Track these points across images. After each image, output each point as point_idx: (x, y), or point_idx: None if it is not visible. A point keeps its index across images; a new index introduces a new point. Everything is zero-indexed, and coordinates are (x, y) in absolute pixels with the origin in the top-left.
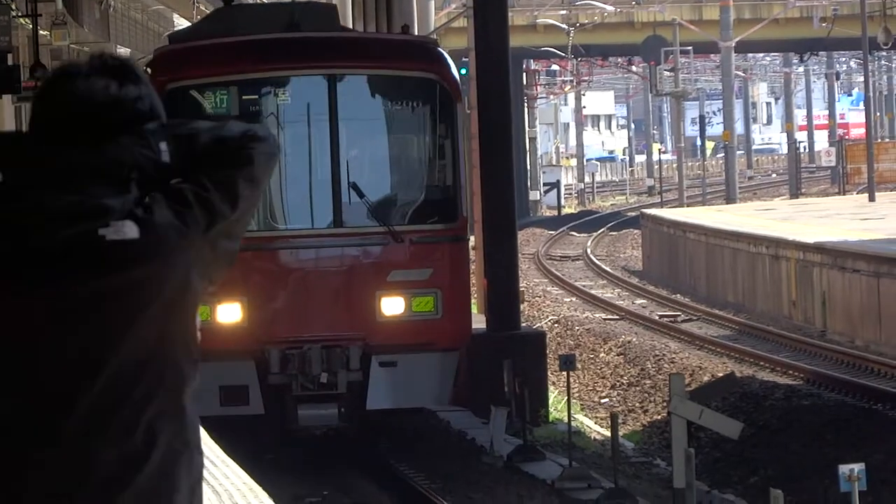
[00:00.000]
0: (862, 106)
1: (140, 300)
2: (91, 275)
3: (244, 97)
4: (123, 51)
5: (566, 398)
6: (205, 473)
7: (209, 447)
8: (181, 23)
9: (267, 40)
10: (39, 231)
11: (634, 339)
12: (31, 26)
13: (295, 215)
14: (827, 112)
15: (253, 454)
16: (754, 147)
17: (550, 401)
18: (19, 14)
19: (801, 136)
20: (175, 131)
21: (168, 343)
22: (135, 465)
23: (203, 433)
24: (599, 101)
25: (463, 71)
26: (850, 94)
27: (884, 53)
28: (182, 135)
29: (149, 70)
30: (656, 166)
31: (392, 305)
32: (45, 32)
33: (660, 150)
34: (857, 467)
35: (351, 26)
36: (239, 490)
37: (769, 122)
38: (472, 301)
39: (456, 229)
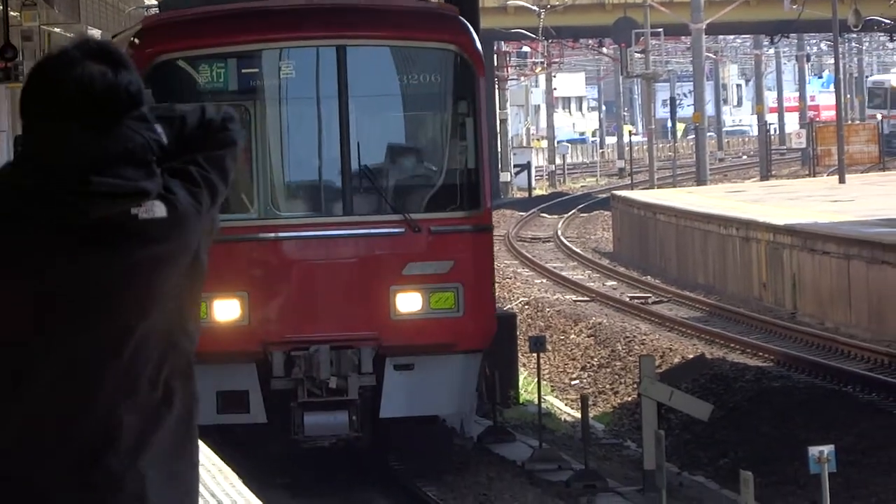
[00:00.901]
0: (832, 88)
1: (164, 273)
2: (126, 250)
3: (244, 70)
4: (94, 31)
5: (536, 380)
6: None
7: (207, 456)
8: (152, 1)
9: (269, 7)
10: (84, 209)
11: (605, 321)
12: (2, 9)
13: (300, 202)
14: (797, 94)
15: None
16: (725, 129)
17: (521, 382)
18: None
19: (771, 118)
20: (165, 114)
21: (181, 311)
22: (157, 419)
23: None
24: (570, 83)
25: None
26: (820, 77)
27: (854, 35)
28: (174, 117)
29: (136, 41)
30: (627, 148)
31: (408, 302)
32: (14, 14)
33: (630, 131)
34: (827, 449)
35: None
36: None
37: (740, 104)
38: None
39: (479, 217)
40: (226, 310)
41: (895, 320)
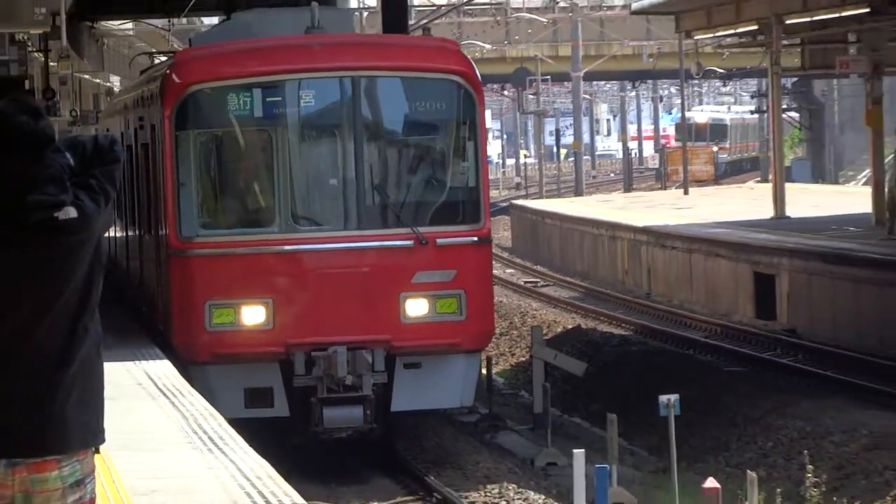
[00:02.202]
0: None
1: (78, 252)
2: (54, 239)
3: (267, 99)
4: (115, 77)
5: None
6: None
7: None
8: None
9: (289, 42)
10: (25, 217)
11: (505, 300)
12: (43, 59)
13: (319, 217)
14: (652, 126)
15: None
16: (597, 153)
17: None
18: (34, 49)
19: (632, 144)
20: (73, 143)
21: (93, 278)
22: (79, 346)
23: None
24: None
25: None
26: (670, 113)
27: (696, 82)
28: (78, 145)
29: (171, 74)
30: (522, 168)
31: (416, 307)
32: (53, 63)
33: (525, 155)
34: (673, 397)
35: None
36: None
37: (609, 133)
38: None
39: (479, 230)
40: (252, 315)
41: (725, 299)
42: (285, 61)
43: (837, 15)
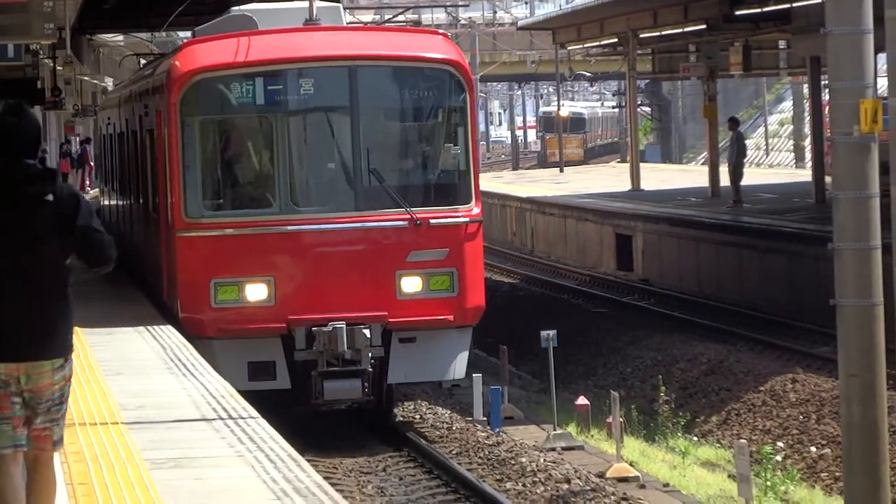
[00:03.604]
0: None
1: (53, 222)
2: (39, 211)
3: (269, 87)
4: (108, 79)
5: None
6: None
7: (250, 413)
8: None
9: (291, 33)
10: (21, 195)
11: None
12: (51, 64)
13: (319, 199)
14: (535, 118)
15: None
16: (491, 139)
17: None
18: (44, 56)
19: (519, 133)
20: (72, 195)
21: (59, 241)
22: (50, 294)
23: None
24: None
25: None
26: (548, 107)
27: (569, 82)
28: (70, 199)
29: (177, 63)
30: None
31: (411, 284)
32: (60, 68)
33: None
34: (552, 332)
35: None
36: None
37: (500, 124)
38: None
39: (470, 211)
40: (255, 292)
41: (592, 255)
42: (286, 51)
43: (681, 30)
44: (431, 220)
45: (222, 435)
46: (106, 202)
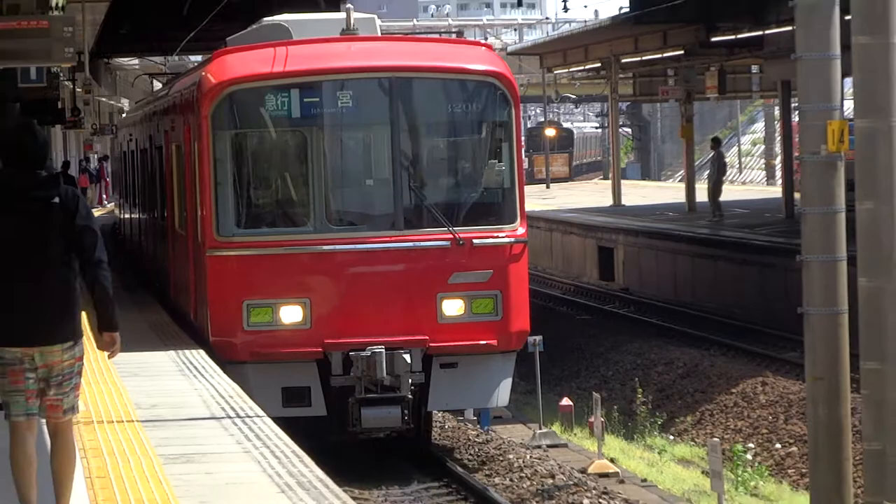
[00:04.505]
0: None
1: (60, 221)
2: (47, 212)
3: (305, 100)
4: (124, 100)
5: None
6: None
7: (279, 436)
8: (158, 85)
9: (328, 43)
10: (33, 199)
11: None
12: (71, 86)
13: (356, 218)
14: (525, 137)
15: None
16: None
17: None
18: (65, 79)
19: None
20: (74, 198)
21: (64, 239)
22: (59, 285)
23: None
24: None
25: None
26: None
27: (555, 104)
28: (72, 201)
29: (208, 74)
30: None
31: (453, 307)
32: (79, 90)
33: None
34: (538, 338)
35: None
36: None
37: None
38: None
39: (515, 231)
40: (289, 314)
41: (576, 266)
42: (324, 61)
43: (660, 55)
44: (475, 241)
45: (230, 432)
46: (126, 216)
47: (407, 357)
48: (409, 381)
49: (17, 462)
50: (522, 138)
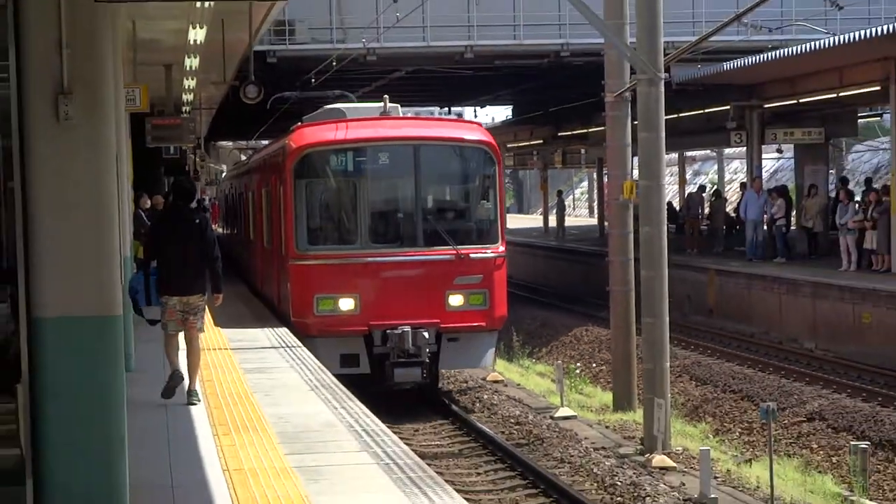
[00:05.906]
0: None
1: (203, 232)
2: (194, 226)
3: (356, 159)
4: (223, 165)
5: None
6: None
7: (372, 421)
8: (242, 157)
9: (372, 121)
10: (188, 219)
11: None
12: (192, 156)
13: (391, 238)
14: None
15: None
16: None
17: None
18: (189, 151)
19: None
20: (203, 215)
21: (200, 241)
22: (197, 264)
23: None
24: None
25: None
26: None
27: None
28: (204, 219)
29: (291, 141)
30: None
31: (456, 300)
32: (198, 159)
33: None
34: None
35: None
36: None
37: None
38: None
39: (497, 248)
40: (345, 304)
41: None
42: (369, 133)
43: (529, 143)
44: (471, 255)
45: (282, 355)
46: (225, 234)
47: (426, 334)
48: (427, 350)
49: (169, 345)
50: (505, 185)
